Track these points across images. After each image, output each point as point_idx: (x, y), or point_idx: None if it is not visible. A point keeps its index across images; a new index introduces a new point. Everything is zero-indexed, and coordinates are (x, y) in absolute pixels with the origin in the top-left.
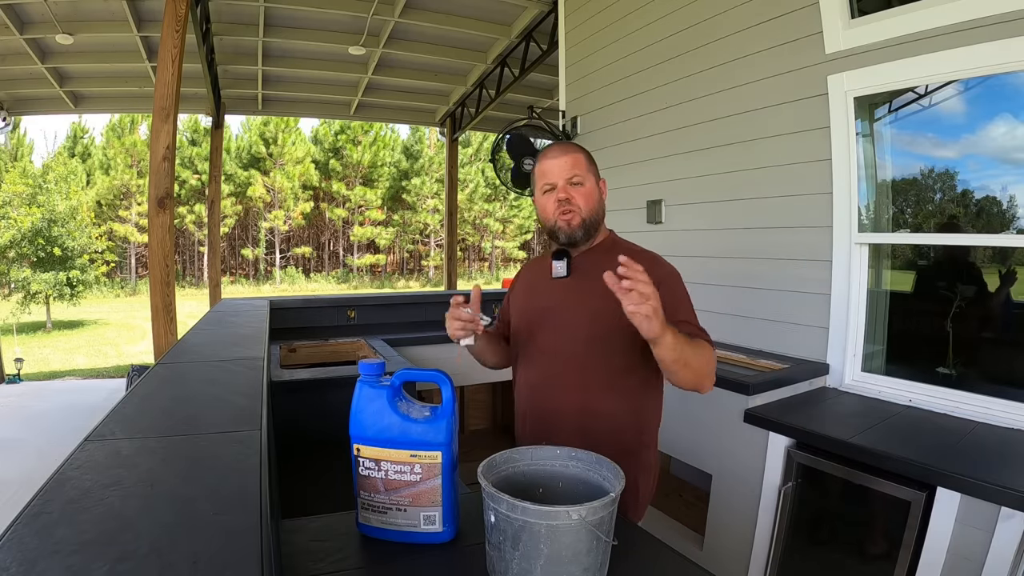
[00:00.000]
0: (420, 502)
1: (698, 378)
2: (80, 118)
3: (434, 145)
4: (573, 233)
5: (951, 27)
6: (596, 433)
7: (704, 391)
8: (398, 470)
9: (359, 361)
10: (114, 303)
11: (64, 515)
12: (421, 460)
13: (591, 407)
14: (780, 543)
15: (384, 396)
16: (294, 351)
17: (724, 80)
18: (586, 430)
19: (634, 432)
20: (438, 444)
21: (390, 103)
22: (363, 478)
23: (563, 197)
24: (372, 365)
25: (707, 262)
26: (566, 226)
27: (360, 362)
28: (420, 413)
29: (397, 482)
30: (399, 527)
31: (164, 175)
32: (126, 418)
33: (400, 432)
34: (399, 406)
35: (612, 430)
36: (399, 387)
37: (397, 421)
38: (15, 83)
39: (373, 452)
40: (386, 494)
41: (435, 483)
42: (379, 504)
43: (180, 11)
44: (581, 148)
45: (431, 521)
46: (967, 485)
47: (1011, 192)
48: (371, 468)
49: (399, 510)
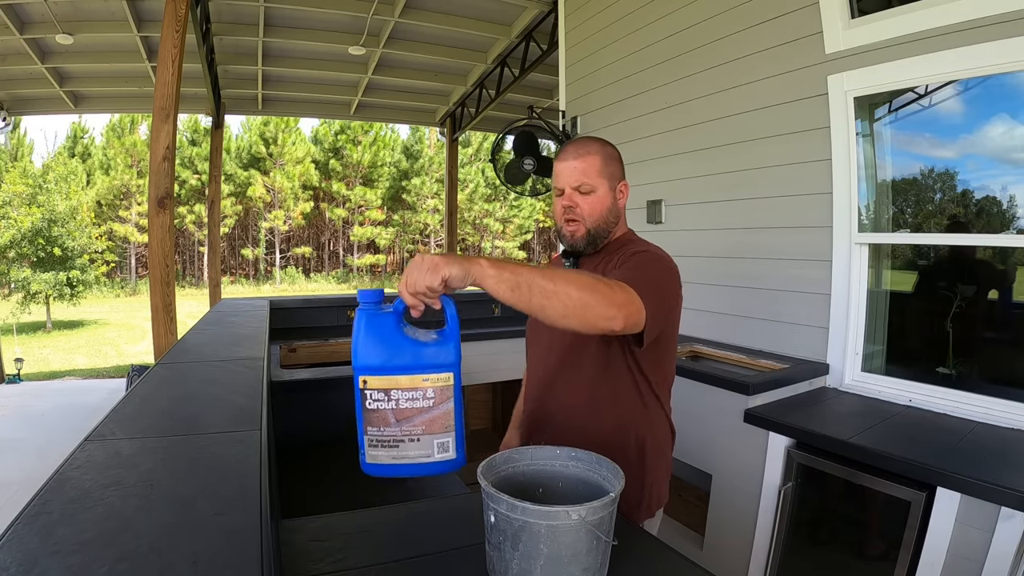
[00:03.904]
0: (433, 429)
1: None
2: (80, 118)
3: (434, 145)
4: (575, 243)
5: (951, 27)
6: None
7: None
8: (410, 397)
9: (358, 290)
10: (114, 303)
11: (64, 515)
12: (433, 383)
13: (580, 409)
14: (780, 543)
15: (390, 322)
16: (294, 351)
17: (724, 80)
18: (576, 431)
19: (630, 439)
20: (449, 365)
21: (390, 103)
22: (371, 412)
23: (568, 205)
24: (371, 292)
25: (707, 262)
26: (569, 236)
27: (359, 291)
28: (426, 336)
29: (409, 410)
30: (412, 459)
31: (164, 175)
32: (126, 418)
33: (411, 356)
34: (404, 332)
35: (602, 433)
36: (401, 312)
37: (407, 345)
38: (15, 83)
39: (381, 381)
40: (397, 425)
41: (448, 407)
42: (390, 438)
43: (180, 11)
44: (600, 148)
45: (445, 448)
46: (967, 485)
47: (1011, 192)
48: (380, 400)
49: (412, 440)
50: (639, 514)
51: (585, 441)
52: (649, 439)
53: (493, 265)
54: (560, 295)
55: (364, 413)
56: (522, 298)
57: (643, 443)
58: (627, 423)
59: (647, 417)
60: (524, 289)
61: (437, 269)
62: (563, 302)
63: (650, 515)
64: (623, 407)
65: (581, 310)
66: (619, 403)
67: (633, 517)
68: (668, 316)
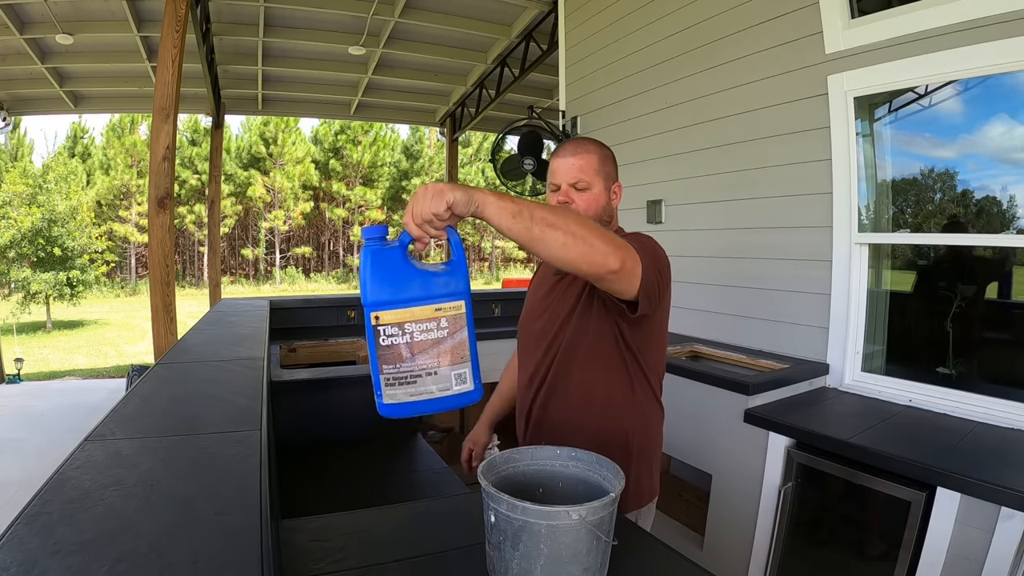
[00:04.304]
0: (450, 360)
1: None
2: (80, 118)
3: (434, 145)
4: None
5: (951, 27)
6: (577, 427)
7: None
8: (424, 328)
9: (361, 228)
10: (114, 303)
11: (64, 515)
12: (447, 312)
13: (571, 400)
14: (780, 543)
15: (397, 255)
16: (294, 351)
17: (724, 80)
18: (567, 422)
19: (620, 431)
20: (460, 292)
21: (390, 103)
22: (385, 349)
23: (563, 201)
24: (376, 228)
25: (707, 262)
26: None
27: (362, 229)
28: (435, 268)
29: (424, 342)
30: (431, 395)
31: (164, 175)
32: (126, 418)
33: (421, 287)
34: (412, 263)
35: (593, 425)
36: (407, 244)
37: (416, 276)
38: (15, 83)
39: (395, 315)
40: (413, 359)
41: (463, 336)
42: (406, 374)
43: (180, 11)
44: (597, 147)
45: (462, 379)
46: (967, 485)
47: (1011, 192)
48: (394, 334)
49: (429, 374)
50: (626, 507)
51: (576, 433)
52: (640, 432)
53: (495, 194)
54: (560, 227)
55: (378, 351)
56: (523, 226)
57: (633, 435)
58: (618, 415)
59: (639, 409)
60: (525, 217)
61: (442, 195)
62: (564, 232)
63: (639, 506)
64: (615, 399)
65: (581, 244)
66: (611, 395)
67: (622, 510)
68: (660, 286)
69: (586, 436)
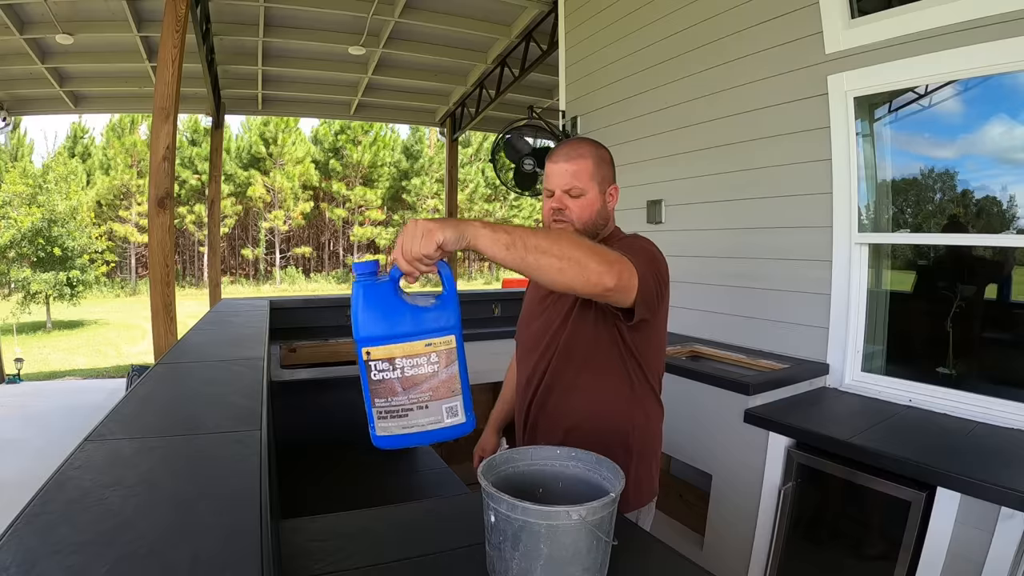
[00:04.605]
0: (441, 394)
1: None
2: (80, 118)
3: (434, 145)
4: None
5: (951, 27)
6: (576, 428)
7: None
8: (414, 364)
9: (352, 263)
10: (114, 303)
11: (64, 515)
12: (437, 348)
13: (570, 402)
14: (780, 543)
15: (388, 290)
16: (294, 351)
17: (724, 80)
18: (566, 425)
19: (620, 432)
20: (451, 328)
21: (390, 103)
22: (377, 383)
23: (556, 207)
24: (367, 264)
25: (707, 262)
26: None
27: (353, 263)
28: (425, 301)
29: (415, 377)
30: (423, 427)
31: (164, 175)
32: (126, 418)
33: (412, 322)
34: (403, 298)
35: (592, 427)
36: (398, 279)
37: (406, 312)
38: (15, 83)
39: (385, 351)
40: (404, 393)
41: (453, 370)
42: (398, 407)
43: (180, 11)
44: (592, 151)
45: (453, 412)
46: (967, 485)
47: (1011, 192)
48: (385, 369)
49: (420, 408)
50: (627, 507)
51: (573, 434)
52: (639, 431)
53: (487, 225)
54: (554, 251)
55: (370, 385)
56: (517, 256)
57: (633, 435)
58: (617, 415)
59: (638, 409)
60: (519, 247)
61: (431, 235)
62: (557, 257)
63: (640, 505)
64: (613, 399)
65: (575, 265)
66: (609, 395)
67: (621, 509)
68: (657, 290)
69: (583, 437)
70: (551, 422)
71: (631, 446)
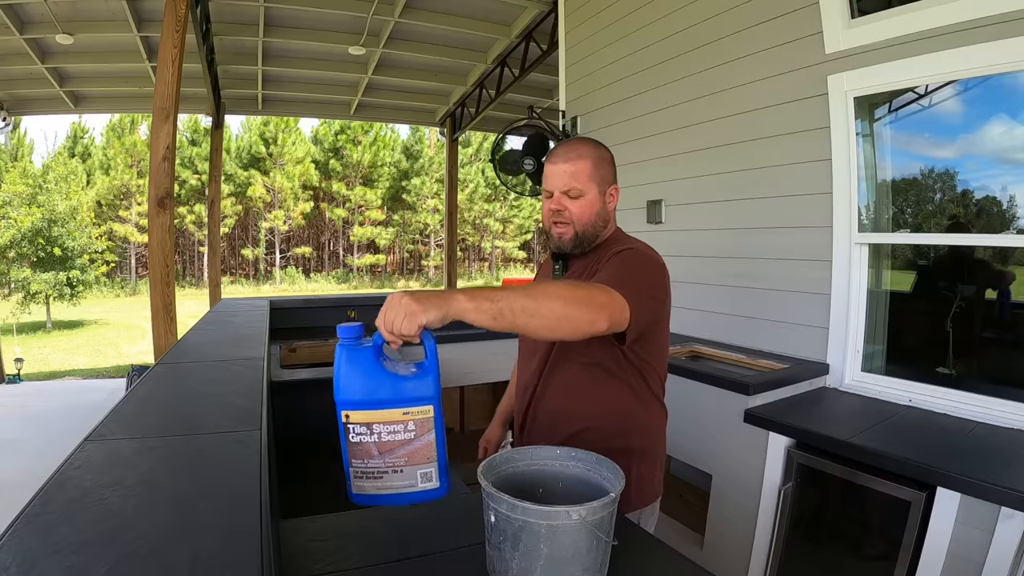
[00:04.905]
0: (416, 460)
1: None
2: (80, 118)
3: (434, 145)
4: (563, 246)
5: (951, 27)
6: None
7: (600, 326)
8: (392, 430)
9: (337, 326)
10: (114, 303)
11: (64, 515)
12: (414, 416)
13: (568, 404)
14: (780, 543)
15: (370, 357)
16: (294, 351)
17: (724, 80)
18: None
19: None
20: (429, 398)
21: (390, 103)
22: (354, 445)
23: (555, 208)
24: (351, 328)
25: (707, 262)
26: (557, 238)
27: (338, 326)
28: (406, 370)
29: (391, 443)
30: (396, 489)
31: (164, 175)
32: (126, 418)
33: (391, 391)
34: (384, 365)
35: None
36: (380, 346)
37: (387, 380)
38: (15, 83)
39: (364, 416)
40: (380, 457)
41: (429, 438)
42: (374, 469)
43: (180, 11)
44: (591, 151)
45: (428, 478)
46: (967, 485)
47: (1011, 192)
48: (363, 433)
49: (395, 471)
50: (628, 507)
51: (573, 442)
52: (641, 434)
53: (470, 298)
54: (543, 310)
55: (348, 446)
56: (506, 323)
57: (634, 438)
58: (618, 423)
59: (639, 416)
60: (507, 314)
61: (414, 317)
62: (546, 316)
63: (642, 505)
64: (614, 406)
65: (564, 321)
66: (610, 402)
67: (623, 510)
68: (654, 309)
69: (582, 444)
70: (550, 429)
71: (632, 449)
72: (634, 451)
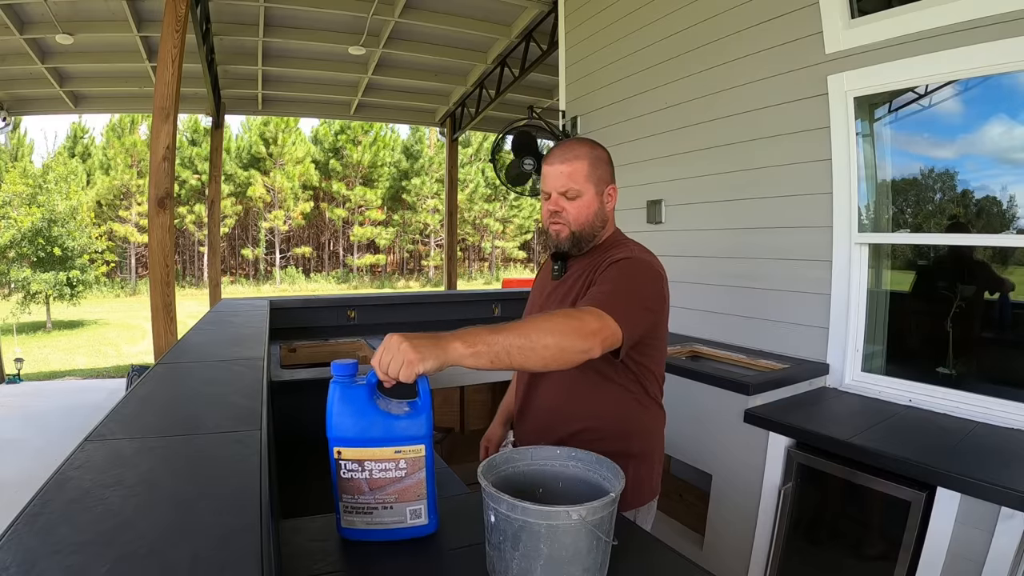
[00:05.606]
0: (406, 497)
1: (561, 348)
2: (80, 118)
3: (434, 145)
4: (560, 244)
5: (950, 27)
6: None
7: (594, 353)
8: (383, 468)
9: (331, 363)
10: (114, 303)
11: (64, 515)
12: (406, 455)
13: (560, 408)
14: (780, 543)
15: (363, 395)
16: (294, 351)
17: (724, 80)
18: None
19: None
20: (421, 437)
21: (390, 103)
22: (345, 481)
23: (553, 209)
24: (346, 365)
25: (707, 262)
26: (554, 236)
27: (332, 363)
28: (399, 409)
29: (382, 480)
30: (385, 525)
31: (164, 175)
32: (126, 418)
33: (383, 429)
34: (378, 403)
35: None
36: (374, 384)
37: (379, 418)
38: (15, 83)
39: (355, 453)
40: (371, 494)
41: (420, 476)
42: (364, 505)
43: (180, 11)
44: (589, 152)
45: (417, 515)
46: (967, 485)
47: (1011, 192)
48: (354, 470)
49: (385, 508)
50: (625, 506)
51: (572, 436)
52: (639, 435)
53: (467, 344)
54: (537, 348)
55: (339, 481)
56: (502, 364)
57: (632, 439)
58: (616, 425)
59: (637, 418)
60: (503, 356)
61: (412, 367)
62: (540, 355)
63: (639, 504)
64: (612, 409)
65: (559, 353)
66: (608, 405)
67: (620, 508)
68: (648, 320)
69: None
70: (546, 427)
71: (631, 452)
72: (633, 454)
